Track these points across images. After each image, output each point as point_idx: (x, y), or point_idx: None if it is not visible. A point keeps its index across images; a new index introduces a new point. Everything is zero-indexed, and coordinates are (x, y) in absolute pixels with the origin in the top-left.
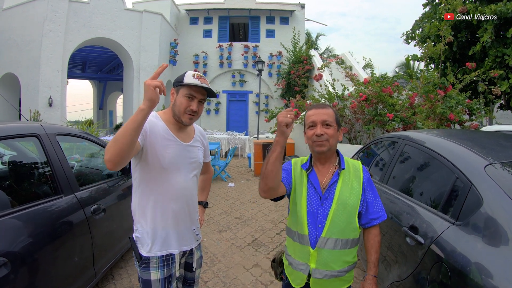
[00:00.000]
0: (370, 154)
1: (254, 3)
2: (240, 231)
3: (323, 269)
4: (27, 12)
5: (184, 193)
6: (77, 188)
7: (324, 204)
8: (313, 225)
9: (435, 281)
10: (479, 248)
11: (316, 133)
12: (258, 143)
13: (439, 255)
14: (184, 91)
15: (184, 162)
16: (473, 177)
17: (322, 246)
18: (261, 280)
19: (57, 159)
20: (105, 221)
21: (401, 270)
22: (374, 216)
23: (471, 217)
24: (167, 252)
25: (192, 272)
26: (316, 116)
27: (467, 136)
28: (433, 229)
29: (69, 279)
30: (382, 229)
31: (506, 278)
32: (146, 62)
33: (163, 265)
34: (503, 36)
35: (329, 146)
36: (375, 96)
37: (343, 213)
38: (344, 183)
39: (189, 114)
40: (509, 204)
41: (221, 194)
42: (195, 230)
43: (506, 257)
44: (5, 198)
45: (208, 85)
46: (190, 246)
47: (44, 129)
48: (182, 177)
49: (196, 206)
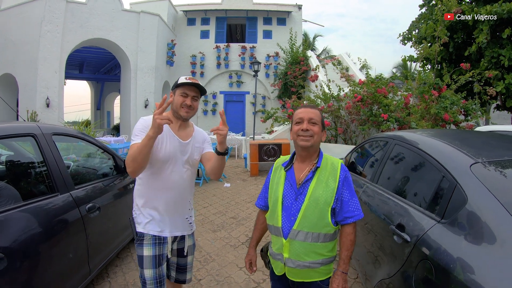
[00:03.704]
0: (362, 154)
1: (251, 4)
2: (234, 231)
3: (295, 259)
4: (24, 12)
5: (178, 184)
6: (73, 186)
7: (299, 199)
8: (287, 218)
9: (420, 278)
10: (463, 246)
11: (302, 128)
12: (254, 143)
13: (424, 253)
14: (179, 91)
15: (180, 156)
16: (458, 176)
17: (293, 237)
18: (254, 278)
19: (53, 158)
20: (100, 220)
21: (389, 267)
22: (349, 215)
23: (455, 216)
24: (159, 234)
25: (184, 257)
26: (304, 114)
27: (456, 135)
28: (419, 227)
29: (64, 275)
30: (372, 228)
31: (489, 276)
32: (144, 63)
33: (155, 243)
34: (498, 37)
35: (313, 142)
36: (370, 97)
37: (315, 208)
38: (318, 181)
39: (185, 108)
40: (493, 202)
41: (217, 194)
42: (188, 219)
43: (490, 255)
44: (2, 196)
45: (196, 81)
46: (182, 233)
47: (40, 129)
48: (176, 170)
49: (188, 198)
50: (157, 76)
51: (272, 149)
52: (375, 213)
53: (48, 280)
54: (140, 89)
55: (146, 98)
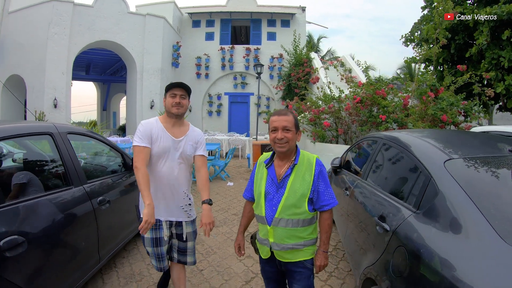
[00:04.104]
0: (355, 153)
1: (256, 6)
2: (236, 226)
3: (279, 242)
4: (32, 15)
5: (170, 175)
6: (85, 181)
7: (279, 191)
8: (269, 207)
9: (396, 263)
10: (432, 234)
11: (277, 137)
12: (257, 143)
13: (400, 240)
14: (168, 94)
15: (173, 152)
16: (433, 171)
17: (276, 224)
18: (252, 269)
19: (68, 155)
20: (110, 212)
21: (372, 255)
22: (325, 203)
23: (428, 207)
24: (157, 218)
25: (183, 242)
26: (278, 123)
27: (440, 135)
28: (398, 217)
29: (76, 262)
30: (362, 222)
31: (455, 261)
32: (149, 64)
33: (152, 228)
34: (498, 38)
35: (288, 147)
36: (369, 98)
37: (293, 199)
38: (296, 175)
39: (175, 106)
40: (461, 195)
41: (220, 192)
42: (183, 207)
43: (455, 241)
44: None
45: (181, 82)
46: (177, 219)
47: (56, 128)
48: (169, 163)
49: (182, 188)
50: (162, 78)
51: None
52: (364, 208)
53: (62, 265)
54: (146, 91)
55: (152, 99)
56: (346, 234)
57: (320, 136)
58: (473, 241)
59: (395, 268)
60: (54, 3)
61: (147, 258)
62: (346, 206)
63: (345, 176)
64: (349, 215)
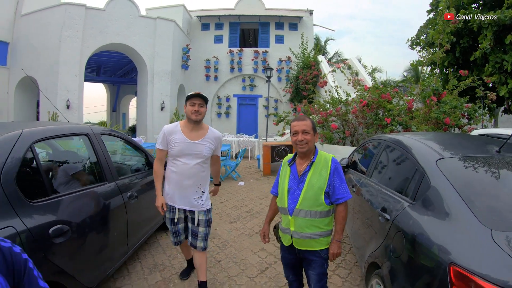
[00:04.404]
0: (361, 153)
1: (264, 10)
2: (249, 222)
3: (299, 231)
4: (45, 18)
5: (187, 172)
6: (117, 177)
7: (300, 185)
8: (291, 200)
9: (395, 246)
10: (425, 220)
11: (298, 139)
12: (267, 145)
13: (399, 226)
14: (188, 102)
15: (189, 153)
16: (426, 168)
17: (296, 214)
18: (266, 260)
19: (102, 153)
20: (137, 206)
21: (376, 242)
22: (339, 197)
23: (422, 198)
24: (172, 204)
25: (196, 226)
26: (298, 127)
27: (438, 137)
28: (397, 208)
29: (109, 250)
30: (366, 215)
31: (443, 239)
32: (160, 67)
33: (169, 210)
34: (502, 43)
35: (307, 148)
36: (375, 102)
37: (311, 192)
38: (314, 171)
39: (194, 114)
40: (449, 188)
41: (232, 191)
42: (196, 199)
43: (443, 225)
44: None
45: (200, 93)
46: (190, 208)
47: (92, 129)
48: (185, 161)
49: (196, 183)
50: (172, 80)
51: (284, 150)
52: (369, 203)
53: (97, 252)
54: (156, 92)
55: (163, 101)
56: (353, 228)
57: (328, 138)
58: (457, 223)
59: (395, 250)
60: (66, 7)
61: (168, 250)
62: (353, 202)
63: (352, 175)
64: (355, 210)
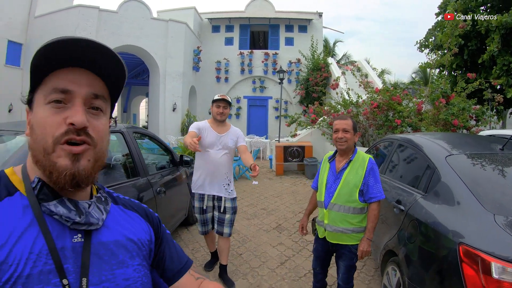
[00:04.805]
0: (374, 153)
1: (274, 12)
2: (265, 219)
3: (332, 224)
4: (59, 20)
5: (215, 162)
6: (148, 173)
7: (336, 181)
8: (327, 194)
9: (410, 233)
10: (435, 208)
11: (338, 136)
12: (280, 145)
13: (413, 216)
14: (215, 104)
15: (217, 144)
16: (437, 163)
17: (331, 208)
18: (285, 254)
19: (135, 150)
20: (165, 200)
21: (391, 232)
22: (372, 196)
23: (433, 190)
24: (202, 192)
25: (223, 214)
26: (339, 125)
27: (447, 137)
28: (411, 200)
29: None
30: (381, 209)
31: (450, 224)
32: (172, 68)
33: (199, 199)
34: (510, 46)
35: (347, 145)
36: (386, 104)
37: (346, 188)
38: (351, 169)
39: (219, 114)
40: (456, 180)
41: (247, 190)
42: (224, 186)
43: (451, 212)
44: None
45: (224, 97)
46: (218, 194)
47: (125, 127)
48: (215, 153)
49: (224, 170)
50: (184, 81)
51: (296, 151)
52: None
53: None
54: (168, 94)
55: (174, 102)
56: None
57: None
58: (464, 210)
59: (410, 237)
60: (80, 9)
61: (190, 245)
62: None
63: None
64: None
